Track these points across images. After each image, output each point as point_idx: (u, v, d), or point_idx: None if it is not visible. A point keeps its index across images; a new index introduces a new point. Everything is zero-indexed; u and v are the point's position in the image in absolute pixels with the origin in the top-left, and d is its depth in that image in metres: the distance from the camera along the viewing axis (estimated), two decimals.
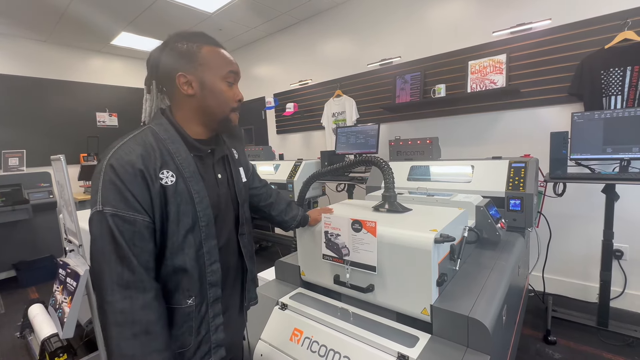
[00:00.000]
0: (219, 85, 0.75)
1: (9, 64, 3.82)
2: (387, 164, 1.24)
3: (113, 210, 0.63)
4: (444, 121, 2.89)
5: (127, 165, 0.65)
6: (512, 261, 1.30)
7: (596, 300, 2.00)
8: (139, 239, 0.65)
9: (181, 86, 0.74)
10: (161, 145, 0.71)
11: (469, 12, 2.65)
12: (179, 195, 0.70)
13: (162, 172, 0.69)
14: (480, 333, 0.87)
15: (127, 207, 0.64)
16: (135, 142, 0.69)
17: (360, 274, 1.06)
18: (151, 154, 0.69)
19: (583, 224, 2.32)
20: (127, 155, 0.66)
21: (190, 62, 0.73)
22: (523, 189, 1.62)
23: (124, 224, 0.64)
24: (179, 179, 0.71)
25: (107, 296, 0.62)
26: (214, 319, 0.77)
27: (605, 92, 2.05)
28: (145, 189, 0.66)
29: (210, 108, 0.76)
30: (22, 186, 3.27)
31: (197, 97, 0.75)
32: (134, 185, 0.65)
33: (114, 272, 0.63)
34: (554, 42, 2.28)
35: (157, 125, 0.75)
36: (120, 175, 0.64)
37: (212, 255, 0.76)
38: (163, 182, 0.68)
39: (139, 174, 0.66)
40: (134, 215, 0.65)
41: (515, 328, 1.46)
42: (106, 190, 0.64)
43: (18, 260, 3.25)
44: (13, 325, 2.36)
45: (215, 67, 0.75)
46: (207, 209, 0.75)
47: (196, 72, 0.74)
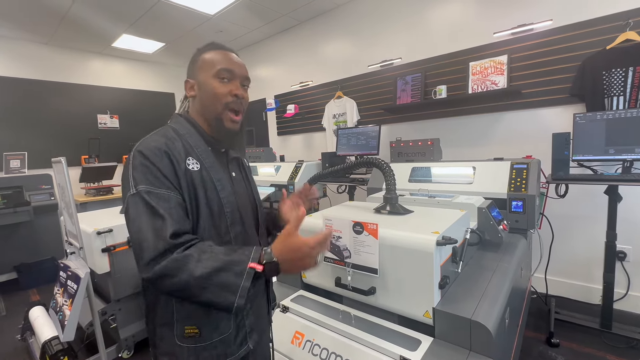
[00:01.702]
0: (211, 83, 0.78)
1: (11, 66, 3.84)
2: (388, 165, 1.23)
3: (147, 187, 0.65)
4: (445, 122, 2.88)
5: (154, 149, 0.69)
6: (514, 263, 1.29)
7: (599, 302, 1.98)
8: (177, 215, 0.66)
9: (187, 90, 0.82)
10: (182, 138, 0.77)
11: (470, 13, 2.64)
12: (205, 182, 0.74)
13: (188, 158, 0.73)
14: (483, 336, 0.87)
15: (160, 184, 0.67)
16: (158, 135, 0.75)
17: (362, 276, 1.05)
18: (175, 143, 0.74)
19: (586, 225, 2.31)
20: (153, 142, 0.71)
21: (193, 69, 0.81)
22: (525, 190, 1.61)
23: (159, 200, 0.65)
24: (202, 167, 0.75)
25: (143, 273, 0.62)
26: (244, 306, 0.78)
27: (608, 93, 2.05)
28: (172, 169, 0.70)
29: (205, 107, 0.80)
30: (23, 188, 3.28)
31: (197, 98, 0.81)
32: (162, 164, 0.68)
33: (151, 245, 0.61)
34: (556, 43, 2.27)
35: (175, 123, 0.81)
36: (149, 156, 0.68)
37: (238, 241, 0.78)
38: (189, 167, 0.73)
39: (165, 155, 0.70)
40: (167, 192, 0.67)
41: (518, 330, 1.45)
42: (137, 173, 0.67)
43: (19, 262, 3.26)
44: (14, 327, 2.36)
45: (208, 67, 0.79)
46: (230, 196, 0.78)
47: (196, 76, 0.80)
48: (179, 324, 0.73)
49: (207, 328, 0.73)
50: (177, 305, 0.72)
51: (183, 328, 0.72)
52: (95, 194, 3.92)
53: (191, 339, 0.72)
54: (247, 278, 0.61)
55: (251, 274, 0.61)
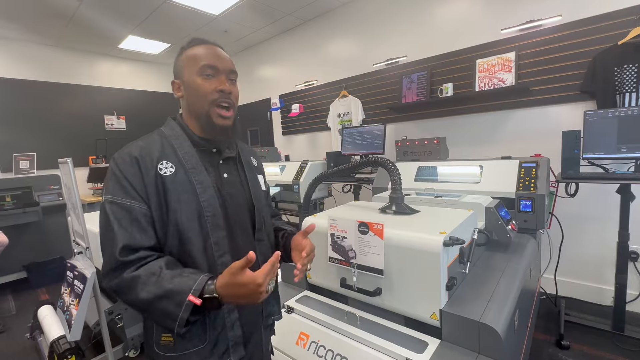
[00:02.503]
0: (195, 80, 0.76)
1: (20, 68, 3.90)
2: (394, 164, 1.21)
3: (111, 197, 0.68)
4: (451, 121, 2.85)
5: (125, 156, 0.71)
6: (523, 264, 1.27)
7: (611, 303, 1.94)
8: (137, 227, 0.68)
9: (174, 92, 0.81)
10: (165, 141, 0.76)
11: (477, 10, 2.61)
12: (179, 185, 0.72)
13: (162, 162, 0.73)
14: (492, 339, 0.85)
15: (125, 194, 0.68)
16: (142, 139, 0.76)
17: (368, 277, 1.04)
18: (151, 146, 0.74)
19: (597, 225, 2.26)
20: (128, 148, 0.73)
21: (177, 69, 0.80)
22: (534, 189, 1.58)
23: (120, 211, 0.67)
24: (180, 170, 0.74)
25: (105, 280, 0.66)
26: (229, 315, 0.75)
27: (619, 90, 2.00)
28: (140, 176, 0.70)
29: (192, 105, 0.78)
30: (32, 189, 3.32)
31: (185, 98, 0.79)
32: (130, 172, 0.69)
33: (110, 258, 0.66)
34: (565, 39, 2.23)
35: (165, 126, 0.82)
36: (119, 164, 0.70)
37: (220, 247, 0.75)
38: (162, 172, 0.72)
39: (134, 161, 0.70)
40: (130, 203, 0.68)
41: (528, 332, 1.42)
42: (108, 181, 0.70)
43: (29, 262, 3.31)
44: (23, 326, 2.39)
45: (191, 65, 0.77)
46: (211, 199, 0.75)
47: (181, 76, 0.79)
48: (157, 331, 0.73)
49: (180, 338, 0.71)
50: None
51: (160, 335, 0.73)
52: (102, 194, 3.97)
53: (166, 347, 0.72)
54: (186, 310, 0.61)
55: (190, 307, 0.61)
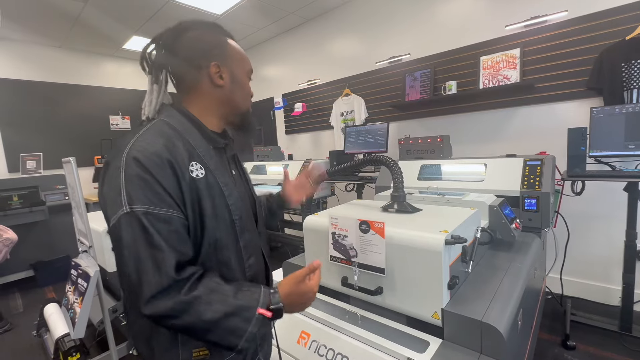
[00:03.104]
0: (245, 80, 0.76)
1: (26, 69, 3.94)
2: (396, 163, 1.20)
3: (145, 207, 0.55)
4: (455, 119, 2.82)
5: (154, 156, 0.58)
6: (527, 263, 1.25)
7: (618, 303, 1.91)
8: (177, 240, 0.58)
9: (213, 76, 0.71)
10: (181, 137, 0.66)
11: (481, 6, 2.57)
12: (211, 189, 0.65)
13: (192, 163, 0.63)
14: (494, 339, 0.83)
15: (161, 202, 0.56)
16: (154, 134, 0.62)
17: (369, 276, 1.03)
18: (176, 145, 0.62)
19: (603, 223, 2.22)
20: (151, 147, 0.59)
21: (222, 53, 0.72)
22: (539, 187, 1.55)
23: (159, 222, 0.55)
24: (207, 171, 0.66)
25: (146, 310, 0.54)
26: None
27: (627, 86, 1.96)
28: (176, 182, 0.59)
29: (235, 101, 0.76)
30: (39, 188, 3.37)
31: (226, 89, 0.73)
32: (164, 177, 0.58)
33: (152, 280, 0.54)
34: (571, 35, 2.19)
35: (168, 117, 0.69)
36: (148, 167, 0.56)
37: (248, 249, 0.73)
38: (194, 174, 0.62)
39: (168, 164, 0.59)
40: (169, 212, 0.57)
41: (532, 333, 1.40)
42: (132, 187, 0.55)
43: (36, 260, 3.35)
44: (30, 323, 2.42)
45: (242, 62, 0.76)
46: (238, 201, 0.70)
47: (227, 64, 0.73)
48: (184, 347, 0.65)
49: (217, 349, 0.66)
50: None
51: (190, 351, 0.65)
52: None
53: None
54: (256, 324, 0.58)
55: (259, 320, 0.59)
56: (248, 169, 3.53)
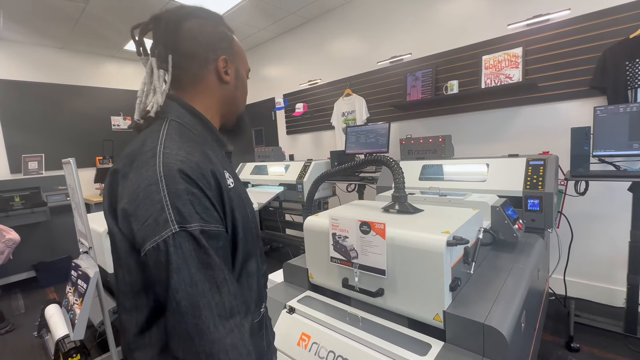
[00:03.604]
0: (245, 78, 0.73)
1: (28, 70, 3.96)
2: (397, 163, 1.19)
3: (200, 226, 0.50)
4: (457, 118, 2.80)
5: (200, 168, 0.52)
6: (531, 264, 1.23)
7: (623, 305, 1.89)
8: (225, 255, 0.54)
9: (221, 70, 0.65)
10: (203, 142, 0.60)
11: (482, 5, 2.56)
12: (240, 198, 0.61)
13: (225, 171, 0.59)
14: (497, 341, 0.82)
15: (210, 218, 0.52)
16: (181, 138, 0.56)
17: (370, 277, 1.02)
18: (207, 151, 0.58)
19: (608, 224, 2.20)
20: (192, 155, 0.53)
21: (229, 47, 0.67)
22: (542, 187, 1.54)
23: (209, 240, 0.51)
24: (235, 179, 0.62)
25: (211, 334, 0.48)
26: (269, 319, 0.76)
27: (631, 84, 1.94)
28: (220, 194, 0.55)
29: (237, 100, 0.71)
30: (40, 189, 3.37)
31: (230, 86, 0.68)
32: (212, 190, 0.53)
33: (213, 303, 0.49)
34: (574, 33, 2.17)
35: (179, 117, 0.61)
36: (197, 180, 0.51)
37: (262, 257, 0.71)
38: (229, 184, 0.59)
39: (212, 177, 0.54)
40: (217, 228, 0.52)
41: (535, 334, 1.39)
42: (183, 203, 0.49)
43: (37, 261, 3.36)
44: (32, 324, 2.42)
45: (244, 60, 0.73)
46: (253, 209, 0.67)
47: (234, 60, 0.68)
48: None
49: None
50: None
51: None
52: None
53: None
54: None
55: None
56: (249, 170, 3.53)
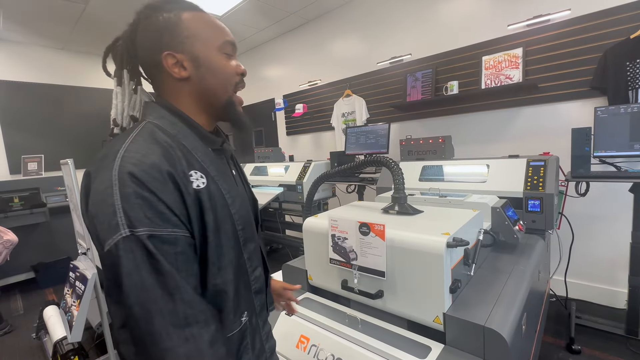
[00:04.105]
0: (217, 59, 0.61)
1: (28, 71, 3.96)
2: (396, 164, 1.19)
3: (148, 230, 0.48)
4: (457, 119, 2.80)
5: (152, 170, 0.50)
6: (531, 265, 1.22)
7: (625, 306, 1.87)
8: (184, 261, 0.52)
9: (171, 69, 0.60)
10: (176, 142, 0.57)
11: (482, 5, 2.55)
12: (214, 199, 0.58)
13: (191, 173, 0.55)
14: (498, 344, 0.81)
15: (165, 222, 0.50)
16: (146, 141, 0.54)
17: (369, 279, 1.01)
18: (172, 152, 0.54)
19: (609, 225, 2.19)
20: (147, 157, 0.51)
21: (175, 36, 0.59)
22: (542, 188, 1.53)
23: (164, 245, 0.49)
24: (208, 179, 0.58)
25: (163, 343, 0.47)
26: (263, 328, 0.71)
27: (632, 85, 1.93)
28: (179, 197, 0.52)
29: (210, 90, 0.62)
30: (40, 190, 3.37)
31: (193, 79, 0.61)
32: (167, 193, 0.51)
33: (165, 311, 0.48)
34: (574, 34, 2.16)
35: (158, 119, 0.59)
36: (147, 183, 0.49)
37: (253, 261, 0.67)
38: (195, 185, 0.55)
39: (169, 178, 0.52)
40: (174, 233, 0.51)
41: (536, 336, 1.38)
42: (131, 207, 0.48)
43: (36, 262, 3.35)
44: (30, 326, 2.42)
45: (206, 37, 0.61)
46: (241, 209, 0.63)
47: (185, 48, 0.59)
48: None
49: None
50: None
51: None
52: None
53: None
54: None
55: None
56: (249, 171, 3.53)
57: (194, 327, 0.50)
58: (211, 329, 0.52)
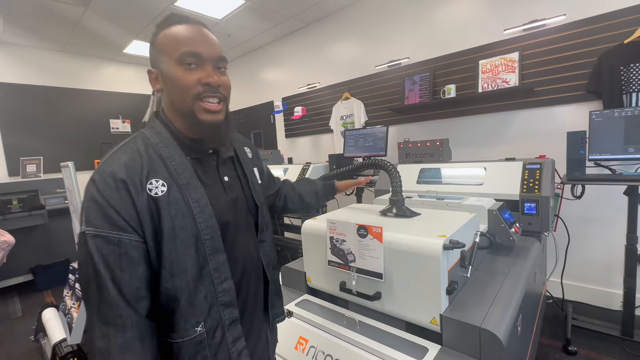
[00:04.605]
0: (173, 71, 0.64)
1: (27, 73, 3.97)
2: (394, 166, 1.20)
3: (95, 230, 0.56)
4: (454, 122, 2.82)
5: (108, 178, 0.58)
6: (527, 267, 1.24)
7: (620, 308, 1.89)
8: (126, 263, 0.57)
9: (152, 83, 0.68)
10: (151, 151, 0.63)
11: (479, 10, 2.59)
12: (174, 207, 0.61)
13: (151, 181, 0.60)
14: (494, 345, 0.83)
15: (111, 226, 0.57)
16: (123, 151, 0.63)
17: (367, 281, 1.02)
18: (137, 161, 0.61)
19: (604, 227, 2.21)
20: (110, 167, 0.59)
21: (152, 54, 0.67)
22: (538, 191, 1.55)
23: (108, 245, 0.56)
24: (172, 187, 0.62)
25: (91, 330, 0.57)
26: (234, 344, 0.68)
27: (626, 89, 1.96)
28: (130, 203, 0.58)
29: (174, 100, 0.66)
30: (38, 192, 3.37)
31: (164, 91, 0.67)
32: (116, 199, 0.57)
33: (94, 304, 0.56)
34: (570, 39, 2.20)
35: (149, 129, 0.68)
36: (100, 189, 0.57)
37: (221, 273, 0.66)
38: (152, 193, 0.60)
39: (122, 185, 0.58)
40: (118, 235, 0.57)
41: (533, 338, 1.39)
42: (88, 209, 0.57)
43: (35, 264, 3.34)
44: (29, 328, 2.41)
45: (168, 51, 0.64)
46: (210, 219, 0.65)
47: (157, 64, 0.66)
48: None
49: None
50: None
51: None
52: None
53: None
54: None
55: None
56: None
57: (110, 327, 0.56)
58: (126, 336, 0.56)
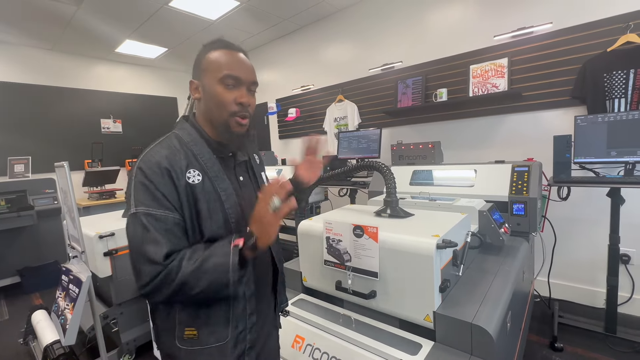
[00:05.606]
0: (215, 88, 0.75)
1: (17, 71, 3.88)
2: (389, 168, 1.23)
3: (145, 209, 0.67)
4: (446, 125, 2.88)
5: (154, 166, 0.69)
6: (516, 266, 1.29)
7: (604, 306, 1.96)
8: (172, 236, 0.68)
9: (191, 92, 0.80)
10: (185, 147, 0.76)
11: (470, 16, 2.65)
12: (207, 194, 0.74)
13: (189, 171, 0.73)
14: (484, 340, 0.86)
15: (158, 205, 0.68)
16: (161, 146, 0.74)
17: (362, 280, 1.05)
18: (176, 154, 0.73)
19: (589, 228, 2.29)
20: (154, 157, 0.71)
21: (198, 69, 0.79)
22: (526, 193, 1.60)
23: (156, 222, 0.67)
24: (205, 178, 0.75)
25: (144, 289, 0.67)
26: (250, 317, 0.78)
27: (609, 95, 2.04)
28: (173, 187, 0.70)
29: (210, 111, 0.78)
30: (27, 192, 3.30)
31: (202, 101, 0.79)
32: (162, 184, 0.69)
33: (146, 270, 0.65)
34: (556, 46, 2.27)
35: (180, 130, 0.80)
36: (148, 175, 0.68)
37: None
38: (190, 180, 0.72)
39: (166, 172, 0.70)
40: (164, 213, 0.68)
41: (521, 334, 1.44)
42: (137, 192, 0.69)
43: (22, 266, 3.27)
44: (16, 331, 2.36)
45: (213, 71, 0.76)
46: (235, 206, 0.77)
47: (200, 78, 0.78)
48: (180, 326, 0.75)
49: (205, 332, 0.74)
50: (179, 310, 0.74)
51: (183, 330, 0.74)
52: (98, 198, 3.95)
53: (189, 342, 0.74)
54: (234, 253, 0.68)
55: (237, 250, 0.68)
56: None
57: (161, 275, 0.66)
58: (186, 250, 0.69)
